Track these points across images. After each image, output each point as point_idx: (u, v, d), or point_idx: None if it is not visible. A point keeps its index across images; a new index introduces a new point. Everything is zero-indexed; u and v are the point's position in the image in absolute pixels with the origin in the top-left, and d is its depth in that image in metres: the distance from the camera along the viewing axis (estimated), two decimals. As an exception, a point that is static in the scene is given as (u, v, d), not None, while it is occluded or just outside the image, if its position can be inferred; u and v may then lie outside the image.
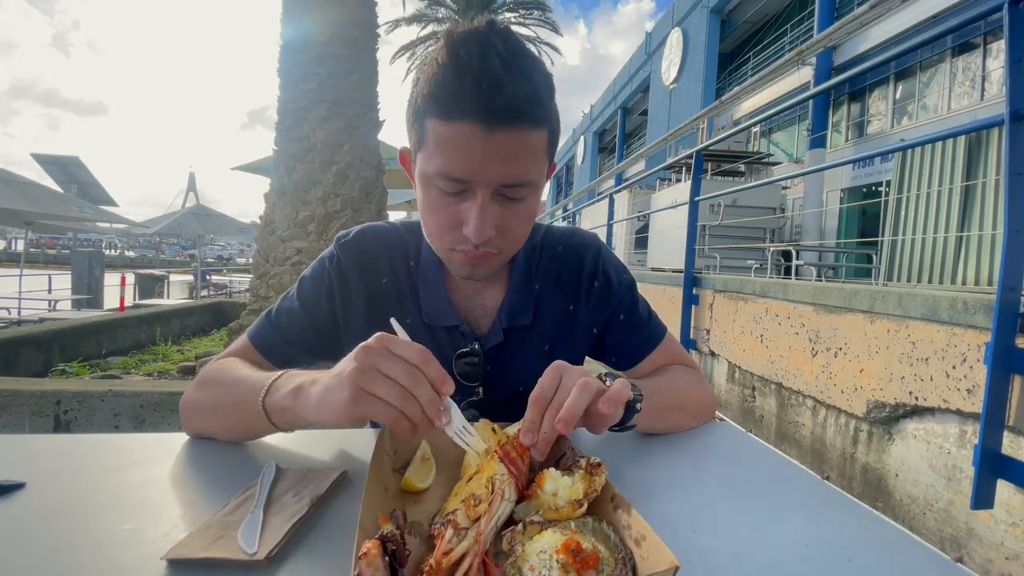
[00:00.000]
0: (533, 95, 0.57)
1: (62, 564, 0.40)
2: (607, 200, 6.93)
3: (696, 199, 3.83)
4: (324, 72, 4.10)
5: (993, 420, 1.52)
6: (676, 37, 17.41)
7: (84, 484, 0.53)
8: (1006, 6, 1.52)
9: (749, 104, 13.61)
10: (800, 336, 2.65)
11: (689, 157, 4.22)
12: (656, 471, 0.61)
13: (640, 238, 9.73)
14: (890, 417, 2.07)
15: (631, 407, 0.58)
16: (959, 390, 1.76)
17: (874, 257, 6.40)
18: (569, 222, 10.88)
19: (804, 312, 2.63)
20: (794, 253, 6.52)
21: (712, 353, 3.59)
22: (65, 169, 10.51)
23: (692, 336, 3.81)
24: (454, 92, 0.55)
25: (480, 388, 0.74)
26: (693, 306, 3.81)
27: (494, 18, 0.59)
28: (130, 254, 41.17)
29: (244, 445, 0.65)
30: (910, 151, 5.30)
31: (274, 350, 0.73)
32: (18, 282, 7.76)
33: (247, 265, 16.81)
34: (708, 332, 3.66)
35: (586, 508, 0.44)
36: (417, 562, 0.38)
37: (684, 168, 8.60)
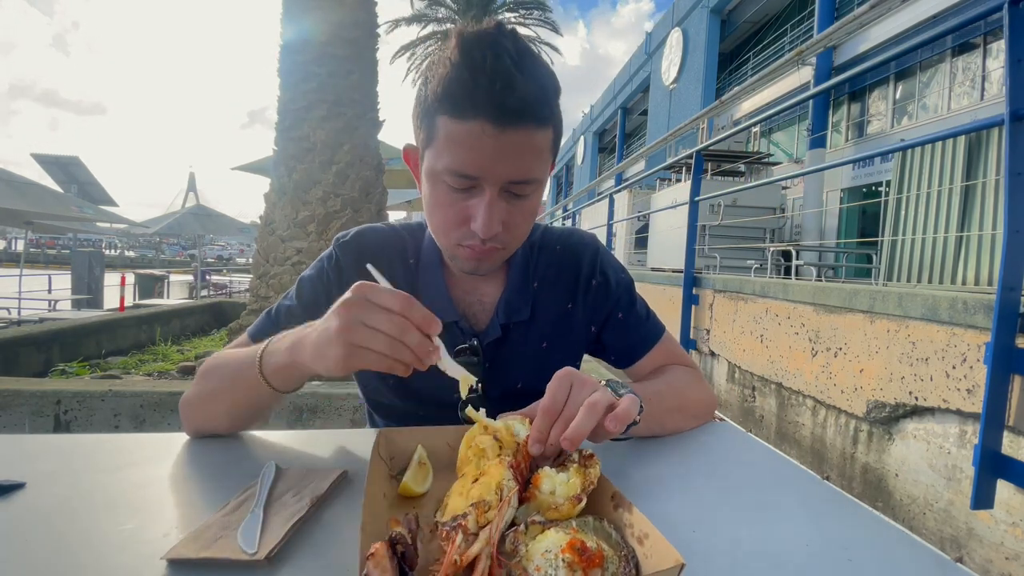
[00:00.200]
0: (542, 95, 0.59)
1: (62, 564, 0.40)
2: (607, 200, 6.94)
3: (696, 199, 3.83)
4: (324, 72, 4.09)
5: (993, 420, 1.52)
6: (676, 37, 17.41)
7: (84, 484, 0.53)
8: (1006, 6, 1.52)
9: (749, 104, 13.61)
10: (800, 336, 2.65)
11: (689, 157, 4.22)
12: (656, 471, 0.61)
13: (640, 238, 9.74)
14: (890, 417, 2.07)
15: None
16: (959, 390, 1.76)
17: (874, 257, 6.40)
18: (569, 222, 10.88)
19: (804, 312, 2.63)
20: (794, 253, 6.52)
21: (712, 353, 3.59)
22: (65, 169, 10.52)
23: (692, 336, 3.81)
24: (467, 91, 0.56)
25: (479, 384, 0.74)
26: (693, 306, 3.81)
27: (500, 20, 0.61)
28: (130, 254, 41.12)
29: (244, 445, 0.64)
30: (910, 151, 5.30)
31: None
32: (18, 282, 7.76)
33: (247, 265, 16.80)
34: (708, 332, 3.66)
35: (585, 502, 0.44)
36: (423, 565, 0.38)
37: (684, 168, 8.61)
